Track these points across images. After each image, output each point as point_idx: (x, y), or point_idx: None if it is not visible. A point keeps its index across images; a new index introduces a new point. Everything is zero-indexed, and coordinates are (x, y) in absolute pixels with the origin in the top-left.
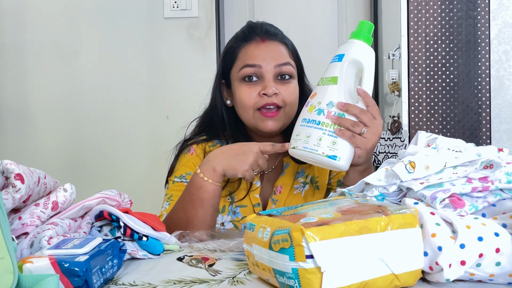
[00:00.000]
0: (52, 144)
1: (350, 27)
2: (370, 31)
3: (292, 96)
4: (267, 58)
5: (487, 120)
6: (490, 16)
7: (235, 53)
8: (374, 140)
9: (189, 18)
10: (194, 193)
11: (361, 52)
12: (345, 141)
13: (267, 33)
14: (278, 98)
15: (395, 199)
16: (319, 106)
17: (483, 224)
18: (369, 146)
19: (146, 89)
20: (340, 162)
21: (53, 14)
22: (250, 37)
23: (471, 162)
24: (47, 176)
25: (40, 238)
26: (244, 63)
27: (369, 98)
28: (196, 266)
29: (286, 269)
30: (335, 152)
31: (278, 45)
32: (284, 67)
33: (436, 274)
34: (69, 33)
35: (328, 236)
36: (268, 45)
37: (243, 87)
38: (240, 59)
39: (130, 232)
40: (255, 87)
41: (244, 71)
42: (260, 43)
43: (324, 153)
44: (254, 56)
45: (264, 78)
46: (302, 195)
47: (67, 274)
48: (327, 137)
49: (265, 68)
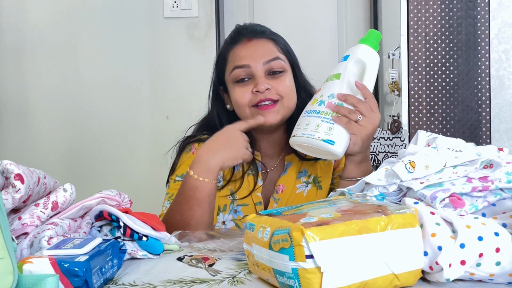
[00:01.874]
0: (52, 144)
1: (350, 26)
2: (377, 38)
3: (286, 88)
4: (255, 57)
5: (487, 119)
6: (490, 16)
7: (225, 57)
8: (370, 129)
9: (189, 18)
10: (190, 194)
11: (365, 54)
12: (341, 127)
13: (253, 32)
14: (271, 93)
15: (395, 199)
16: (321, 98)
17: (483, 223)
18: (363, 134)
19: (146, 89)
20: (334, 147)
21: (53, 14)
22: (237, 39)
23: (471, 162)
24: (47, 176)
25: (40, 238)
26: (233, 65)
27: (367, 91)
28: (196, 266)
29: (286, 269)
30: (331, 137)
31: (265, 42)
32: (273, 63)
33: (436, 274)
34: (69, 32)
35: (328, 236)
36: (255, 43)
37: (236, 89)
38: (230, 62)
39: (130, 232)
40: (248, 86)
41: (235, 73)
42: (246, 43)
43: (320, 137)
44: (242, 56)
45: (255, 76)
46: (305, 194)
47: (67, 274)
48: (325, 124)
49: (254, 67)
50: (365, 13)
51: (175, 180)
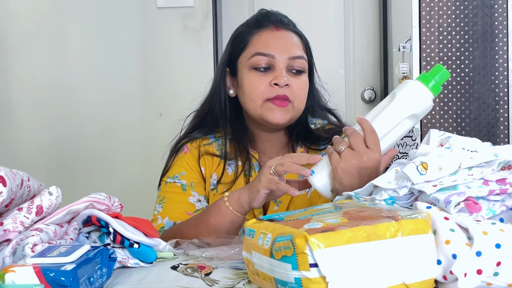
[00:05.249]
0: (36, 144)
1: (357, 19)
2: (435, 75)
3: (302, 90)
4: (281, 48)
5: (505, 117)
6: (508, 5)
7: (246, 39)
8: (350, 163)
9: (184, 8)
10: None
11: (405, 87)
12: (327, 159)
13: (281, 22)
14: (289, 90)
15: (406, 203)
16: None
17: (501, 230)
18: (340, 166)
19: (137, 85)
20: (313, 178)
21: (37, 4)
22: (263, 24)
23: (487, 163)
24: (30, 179)
25: (23, 245)
26: (256, 51)
27: (366, 125)
28: (191, 275)
29: (289, 279)
30: (315, 167)
31: (293, 36)
32: (297, 61)
33: (451, 284)
34: (54, 24)
35: (334, 243)
36: (283, 34)
37: (252, 75)
38: (252, 45)
39: (120, 238)
40: (266, 76)
41: (256, 60)
42: (274, 31)
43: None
44: (268, 44)
45: (276, 68)
46: (308, 196)
47: (52, 284)
48: (320, 156)
49: (278, 59)
50: (373, 2)
51: (166, 182)
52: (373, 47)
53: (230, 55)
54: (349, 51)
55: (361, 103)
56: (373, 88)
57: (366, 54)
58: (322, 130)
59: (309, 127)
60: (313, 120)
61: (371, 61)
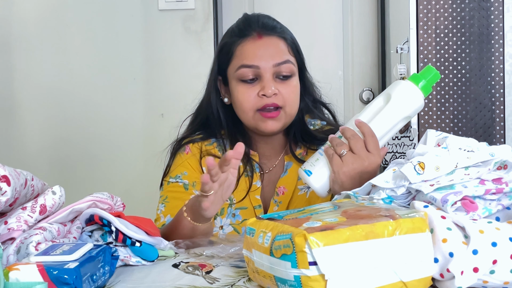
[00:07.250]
0: (40, 144)
1: (356, 21)
2: (427, 75)
3: (292, 95)
4: (266, 57)
5: (501, 117)
6: (504, 7)
7: (230, 50)
8: (352, 167)
9: (185, 10)
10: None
11: (398, 87)
12: (325, 160)
13: (264, 27)
14: (277, 98)
15: (404, 202)
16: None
17: (497, 228)
18: (342, 171)
19: (139, 86)
20: (310, 178)
21: (41, 6)
22: (246, 33)
23: (484, 163)
24: (34, 178)
25: (27, 244)
26: (241, 63)
27: (366, 128)
28: (192, 273)
29: (288, 277)
30: (312, 168)
31: (277, 41)
32: (283, 66)
33: (447, 282)
34: (57, 26)
35: (333, 242)
36: (266, 41)
37: (241, 88)
38: (237, 57)
39: (123, 237)
40: (254, 87)
41: (242, 72)
42: (257, 39)
43: (305, 167)
44: (251, 55)
45: (263, 78)
46: (307, 196)
47: (56, 282)
48: (317, 155)
49: (263, 68)
50: (371, 4)
51: (169, 182)
52: (371, 49)
53: (219, 66)
54: (348, 53)
55: (359, 104)
56: (371, 89)
57: (364, 55)
58: (321, 131)
59: (307, 127)
60: (312, 121)
61: (369, 62)
